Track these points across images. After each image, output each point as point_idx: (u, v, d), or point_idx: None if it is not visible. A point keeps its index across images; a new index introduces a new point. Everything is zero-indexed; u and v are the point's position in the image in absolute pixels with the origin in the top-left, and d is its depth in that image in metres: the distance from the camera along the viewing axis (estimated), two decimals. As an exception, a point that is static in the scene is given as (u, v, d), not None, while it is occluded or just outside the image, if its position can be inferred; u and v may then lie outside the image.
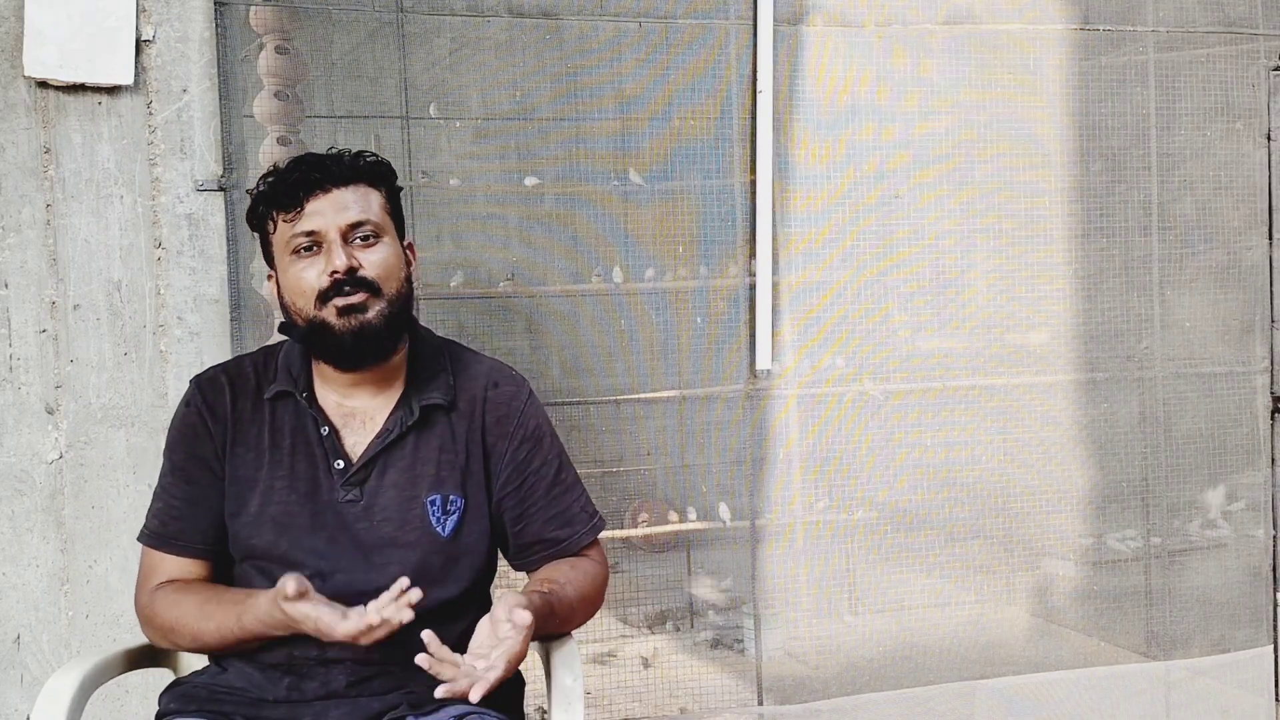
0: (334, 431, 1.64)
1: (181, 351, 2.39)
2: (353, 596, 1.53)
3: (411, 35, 2.55)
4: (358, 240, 1.58)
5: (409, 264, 1.68)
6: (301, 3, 2.49)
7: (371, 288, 1.58)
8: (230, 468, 1.64)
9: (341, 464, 1.62)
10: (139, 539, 1.70)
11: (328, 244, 1.57)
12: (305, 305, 1.59)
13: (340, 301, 1.56)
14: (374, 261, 1.58)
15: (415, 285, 1.72)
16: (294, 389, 1.64)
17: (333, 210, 1.57)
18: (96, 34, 2.28)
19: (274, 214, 1.60)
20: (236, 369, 1.71)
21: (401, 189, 1.71)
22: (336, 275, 1.55)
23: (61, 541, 2.34)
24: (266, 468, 1.63)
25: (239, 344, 2.39)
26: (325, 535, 1.60)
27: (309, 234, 1.57)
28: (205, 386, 1.68)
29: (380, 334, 1.59)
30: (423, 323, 1.82)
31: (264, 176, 1.63)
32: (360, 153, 1.65)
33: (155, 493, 1.69)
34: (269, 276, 1.68)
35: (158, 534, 1.67)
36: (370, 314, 1.57)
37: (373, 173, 1.63)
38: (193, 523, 1.65)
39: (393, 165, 1.70)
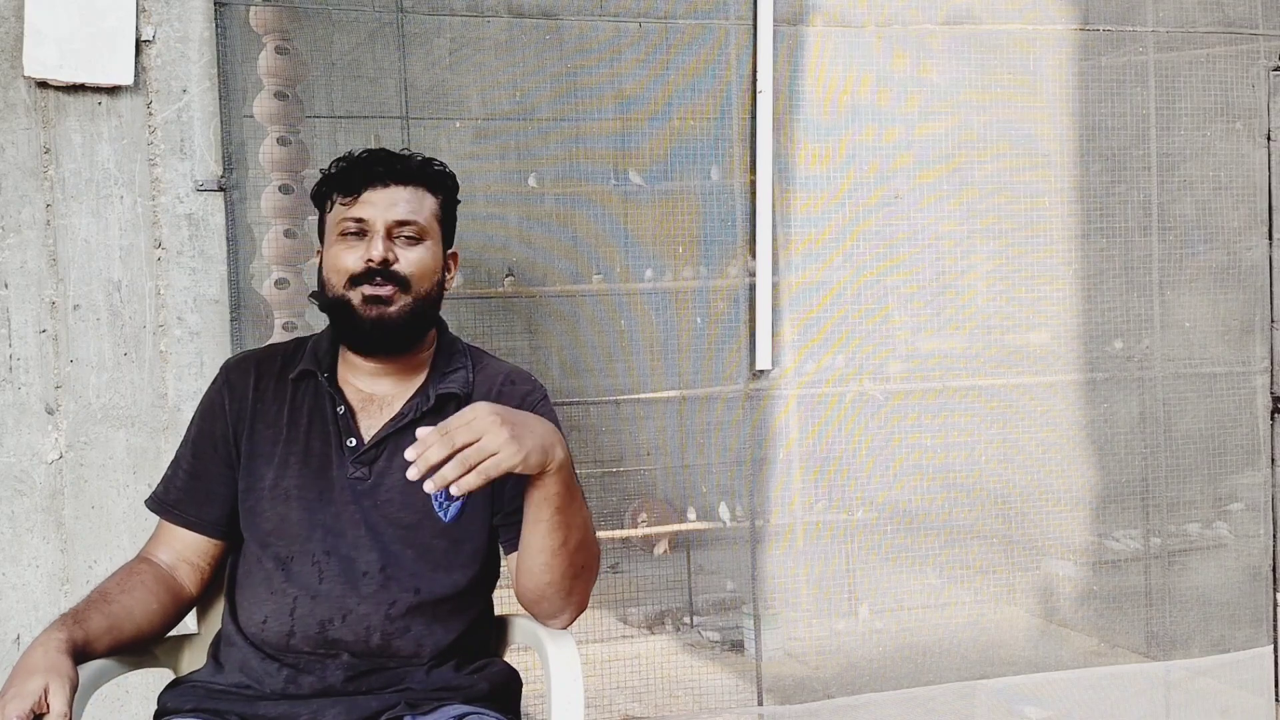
0: (350, 412, 1.70)
1: (181, 352, 2.39)
2: (354, 573, 1.61)
3: (411, 35, 2.55)
4: (402, 237, 1.67)
5: (448, 271, 1.76)
6: (301, 3, 2.49)
7: (402, 283, 1.66)
8: (248, 445, 1.70)
9: (353, 442, 1.68)
10: (145, 501, 1.78)
11: (372, 233, 1.65)
12: (337, 283, 1.67)
13: (368, 290, 1.64)
14: (410, 259, 1.67)
15: (449, 289, 1.79)
16: (317, 369, 1.72)
17: (385, 204, 1.66)
18: (96, 34, 2.28)
19: (334, 195, 1.69)
20: (266, 354, 1.79)
21: (459, 201, 1.79)
22: (371, 264, 1.64)
23: (61, 541, 2.34)
24: (283, 443, 1.69)
25: (239, 344, 2.40)
26: (333, 510, 1.65)
27: (358, 220, 1.66)
28: (232, 368, 1.77)
29: (399, 328, 1.66)
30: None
31: (336, 161, 1.72)
32: (429, 159, 1.74)
33: (170, 462, 1.77)
34: (317, 252, 1.76)
35: (159, 498, 1.75)
36: (393, 308, 1.65)
37: (433, 179, 1.72)
38: (190, 495, 1.72)
39: (456, 178, 1.78)
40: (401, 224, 1.66)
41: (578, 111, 2.72)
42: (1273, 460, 3.15)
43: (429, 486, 1.37)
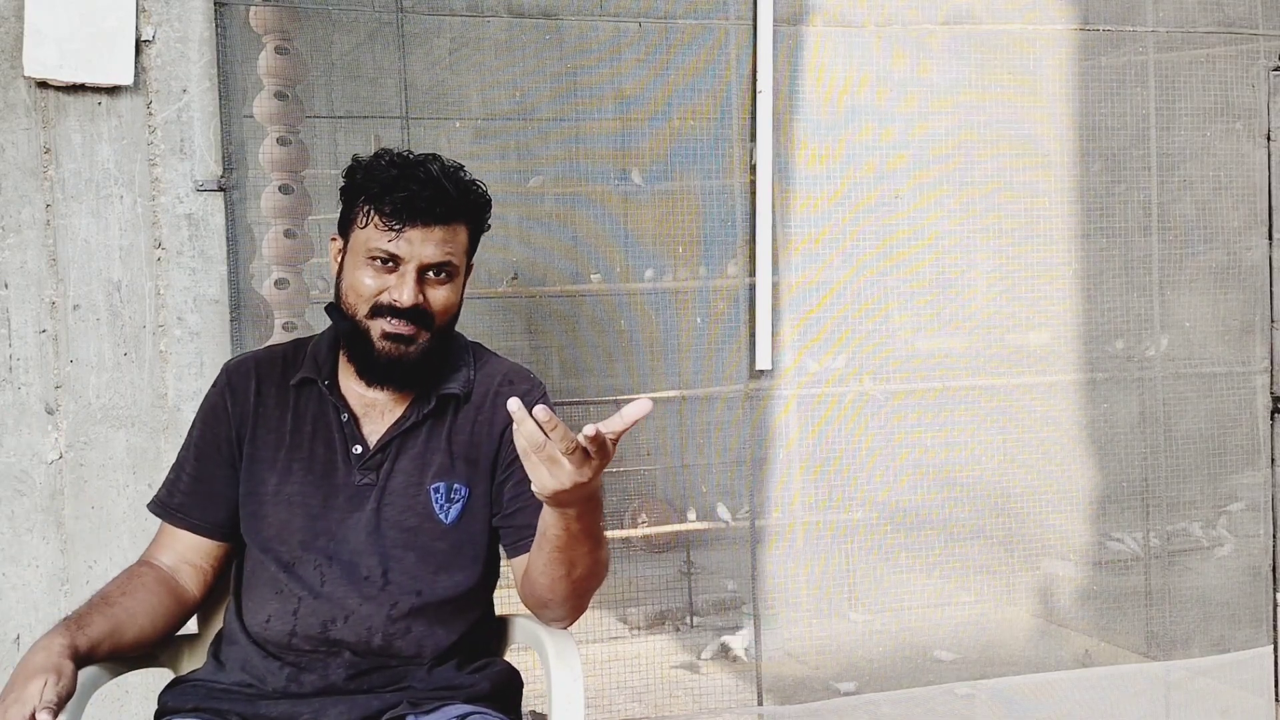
0: (353, 419, 1.69)
1: (181, 352, 2.39)
2: (356, 576, 1.61)
3: (411, 35, 2.55)
4: (431, 275, 1.64)
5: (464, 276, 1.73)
6: (301, 3, 2.49)
7: (426, 322, 1.64)
8: (250, 449, 1.70)
9: (360, 449, 1.68)
10: (147, 505, 1.76)
11: (404, 270, 1.62)
12: (357, 305, 1.64)
13: (389, 326, 1.62)
14: (438, 298, 1.65)
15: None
16: (317, 377, 1.70)
17: (422, 244, 1.62)
18: (96, 34, 2.28)
19: (370, 209, 1.63)
20: (266, 356, 1.78)
21: (489, 228, 1.75)
22: (398, 304, 1.61)
23: (61, 542, 2.34)
24: (286, 450, 1.69)
25: (239, 344, 2.40)
26: (336, 516, 1.65)
27: (391, 254, 1.62)
28: (233, 371, 1.75)
29: (414, 367, 1.65)
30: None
31: (378, 160, 1.66)
32: (470, 186, 1.68)
33: (171, 466, 1.76)
34: (333, 239, 1.73)
35: (162, 502, 1.73)
36: (413, 347, 1.64)
37: (473, 212, 1.69)
38: (195, 499, 1.71)
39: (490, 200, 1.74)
40: (437, 265, 1.63)
41: (578, 111, 2.72)
42: (1273, 460, 3.15)
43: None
